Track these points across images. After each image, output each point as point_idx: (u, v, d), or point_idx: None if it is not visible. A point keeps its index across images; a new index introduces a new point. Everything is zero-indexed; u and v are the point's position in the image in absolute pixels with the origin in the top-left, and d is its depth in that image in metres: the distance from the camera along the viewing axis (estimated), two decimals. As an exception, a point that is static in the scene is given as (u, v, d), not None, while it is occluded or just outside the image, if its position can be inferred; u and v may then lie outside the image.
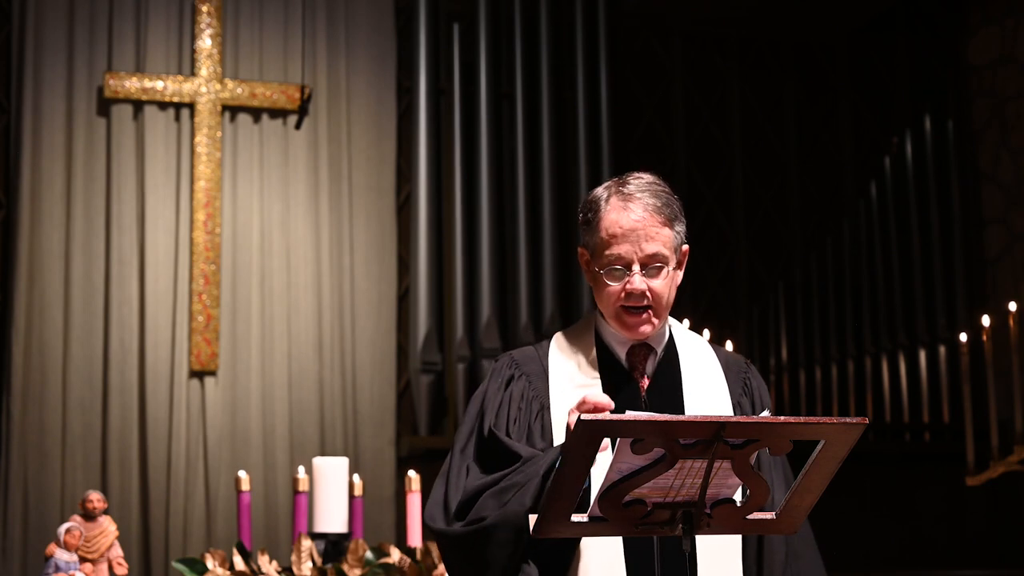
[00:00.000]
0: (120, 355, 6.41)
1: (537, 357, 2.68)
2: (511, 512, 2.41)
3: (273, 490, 6.46)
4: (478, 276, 6.92)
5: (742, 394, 2.70)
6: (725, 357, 2.75)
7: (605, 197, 2.60)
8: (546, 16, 7.28)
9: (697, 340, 2.75)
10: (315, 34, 6.87)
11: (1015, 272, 7.52)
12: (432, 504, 2.56)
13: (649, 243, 2.55)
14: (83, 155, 6.51)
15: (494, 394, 2.63)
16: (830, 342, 7.46)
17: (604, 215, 2.58)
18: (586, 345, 2.66)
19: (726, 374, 2.69)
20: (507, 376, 2.65)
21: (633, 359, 2.64)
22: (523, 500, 2.41)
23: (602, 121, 7.23)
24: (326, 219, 6.78)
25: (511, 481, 2.45)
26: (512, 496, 2.42)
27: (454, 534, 2.48)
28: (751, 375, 2.75)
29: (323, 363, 6.67)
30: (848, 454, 2.23)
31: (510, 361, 2.69)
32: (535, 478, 2.41)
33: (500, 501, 2.44)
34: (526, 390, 2.62)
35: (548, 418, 2.58)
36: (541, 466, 2.42)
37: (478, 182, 7.00)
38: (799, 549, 2.64)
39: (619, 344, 2.64)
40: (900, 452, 7.36)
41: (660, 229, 2.56)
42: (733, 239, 7.72)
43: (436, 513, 2.54)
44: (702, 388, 2.65)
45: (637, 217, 2.55)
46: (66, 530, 4.07)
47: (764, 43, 7.93)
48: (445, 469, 2.60)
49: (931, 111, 7.78)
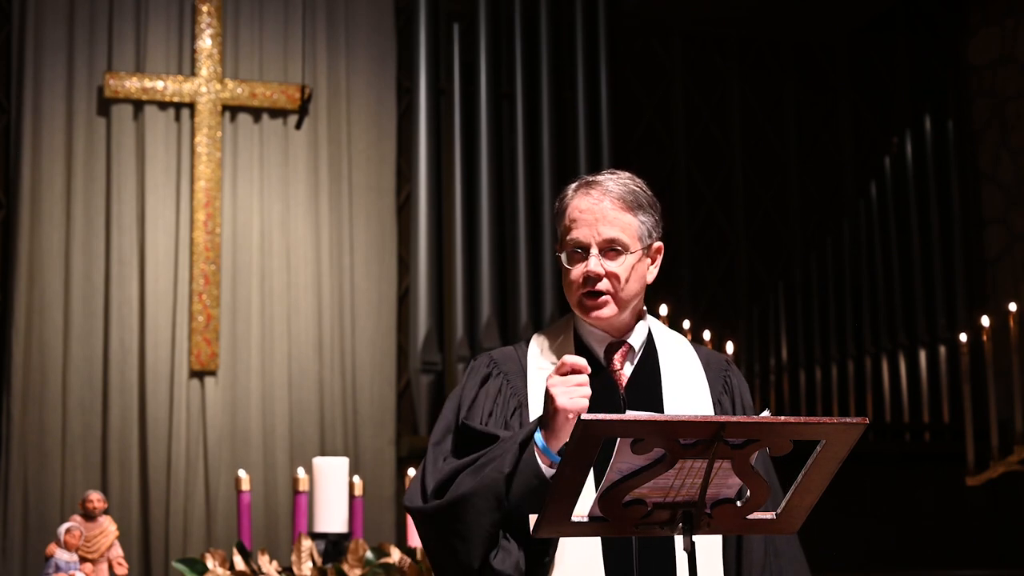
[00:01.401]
0: (120, 355, 6.41)
1: (516, 356, 2.68)
2: (489, 478, 2.41)
3: (273, 490, 6.46)
4: (478, 276, 6.92)
5: (722, 392, 2.69)
6: (706, 355, 2.74)
7: (572, 187, 2.65)
8: (546, 16, 7.28)
9: (677, 338, 2.74)
10: (315, 34, 6.87)
11: (1015, 272, 7.52)
12: (410, 489, 2.57)
13: (607, 227, 2.55)
14: (83, 155, 6.51)
15: (470, 391, 2.63)
16: (830, 342, 7.47)
17: (567, 202, 2.62)
18: (564, 343, 2.65)
19: (706, 372, 2.69)
20: (484, 374, 2.65)
21: (611, 356, 2.63)
22: (500, 467, 2.41)
23: (602, 121, 7.23)
24: (326, 219, 6.78)
25: (488, 457, 2.46)
26: (490, 466, 2.43)
27: (432, 508, 2.47)
28: (731, 373, 2.74)
29: (323, 363, 6.67)
30: (848, 454, 2.23)
31: (488, 360, 2.68)
32: (512, 448, 2.43)
33: (477, 474, 2.45)
34: (503, 387, 2.62)
35: (526, 415, 2.58)
36: (518, 436, 2.45)
37: (478, 182, 7.00)
38: (780, 546, 2.64)
39: (596, 341, 2.64)
40: (900, 452, 7.36)
41: (620, 214, 2.57)
42: (733, 239, 7.72)
43: (414, 494, 2.54)
44: (681, 385, 2.64)
45: (595, 200, 2.57)
46: (66, 530, 4.06)
47: (764, 43, 7.93)
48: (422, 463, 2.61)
49: (931, 111, 7.78)
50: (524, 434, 2.45)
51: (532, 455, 2.42)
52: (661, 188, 7.53)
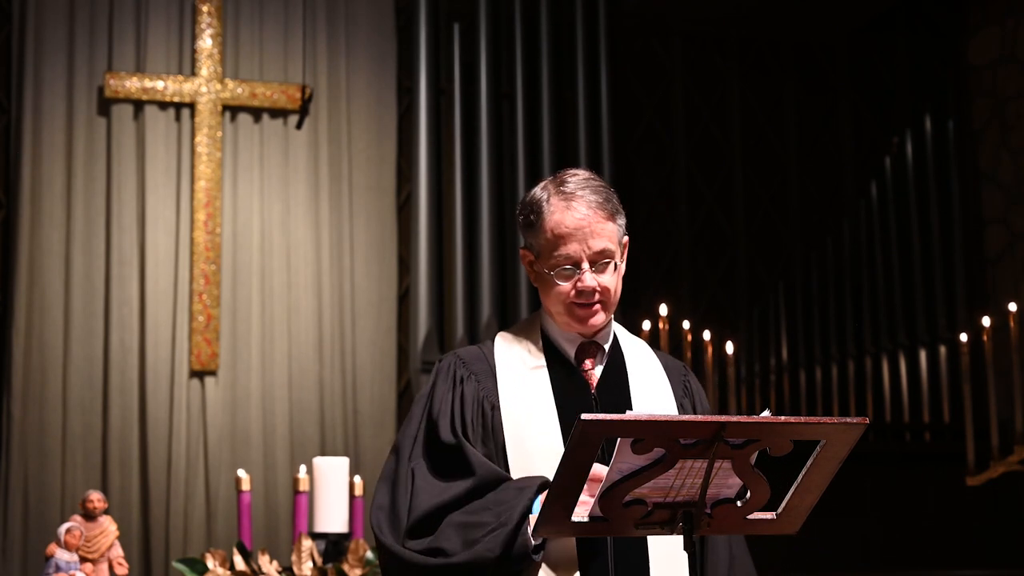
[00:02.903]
0: (120, 355, 6.41)
1: (483, 356, 2.64)
2: (481, 558, 2.36)
3: (273, 490, 6.46)
4: (478, 276, 6.92)
5: (684, 395, 2.70)
6: (664, 359, 2.75)
7: (545, 198, 2.57)
8: (546, 16, 7.28)
9: (638, 341, 2.75)
10: (315, 34, 6.87)
11: (1015, 272, 7.52)
12: (378, 510, 2.51)
13: (596, 240, 2.54)
14: (83, 155, 6.51)
15: (444, 395, 2.58)
16: (830, 342, 7.46)
17: (548, 216, 2.56)
18: (533, 343, 2.64)
19: (668, 375, 2.70)
20: (457, 376, 2.60)
21: (582, 357, 2.63)
22: (493, 547, 2.36)
23: (602, 121, 7.23)
24: (326, 219, 6.78)
25: (479, 518, 2.40)
26: (481, 538, 2.37)
27: (411, 560, 2.41)
28: (690, 378, 2.76)
29: (323, 363, 6.67)
30: (848, 454, 2.23)
31: (456, 361, 2.64)
32: (508, 525, 2.37)
33: (465, 538, 2.39)
34: (477, 390, 2.58)
35: (499, 417, 2.55)
36: (515, 511, 2.38)
37: (478, 182, 7.00)
38: (736, 552, 2.64)
39: (567, 342, 2.63)
40: (900, 452, 7.35)
41: (605, 224, 2.56)
42: (733, 239, 7.72)
43: (383, 522, 2.48)
44: (648, 387, 2.65)
45: (581, 215, 2.54)
46: (66, 530, 4.07)
47: (764, 43, 7.93)
48: (389, 472, 2.55)
49: (931, 111, 7.78)
50: (520, 510, 2.37)
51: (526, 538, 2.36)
52: (661, 188, 7.57)
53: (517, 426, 2.53)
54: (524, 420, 2.54)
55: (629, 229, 2.67)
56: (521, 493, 2.42)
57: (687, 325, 5.98)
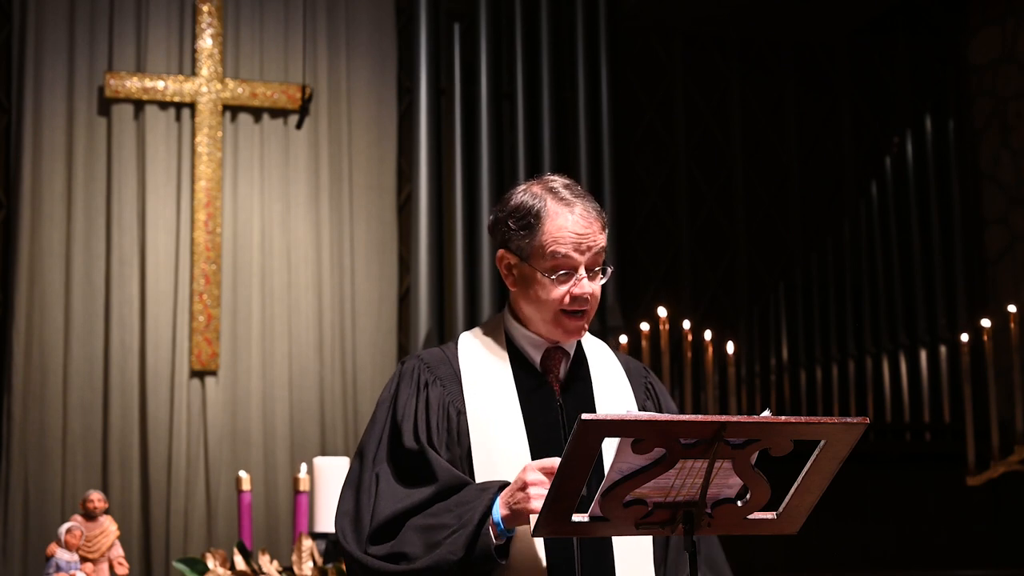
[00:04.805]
0: (121, 355, 6.42)
1: (447, 359, 2.63)
2: (443, 561, 2.35)
3: (274, 490, 6.46)
4: (478, 276, 6.92)
5: (646, 398, 2.71)
6: (626, 361, 2.76)
7: (543, 203, 2.56)
8: (547, 16, 7.28)
9: (600, 344, 2.76)
10: (316, 34, 6.88)
11: (1015, 272, 7.52)
12: (342, 516, 2.50)
13: (594, 247, 2.56)
14: (84, 155, 6.51)
15: (407, 399, 2.56)
16: (830, 342, 7.46)
17: (549, 220, 2.55)
18: (498, 348, 2.63)
19: (629, 378, 2.70)
20: (421, 381, 2.59)
21: (547, 363, 2.62)
22: (455, 550, 2.35)
23: (603, 121, 7.23)
24: (326, 219, 6.79)
25: (440, 520, 2.40)
26: (443, 540, 2.37)
27: (373, 567, 2.41)
28: (652, 379, 2.77)
29: (324, 363, 6.67)
30: (849, 454, 2.23)
31: (420, 364, 2.62)
32: (469, 526, 2.36)
33: (427, 541, 2.39)
34: (443, 395, 2.57)
35: (464, 423, 2.54)
36: (476, 512, 2.37)
37: (479, 182, 7.00)
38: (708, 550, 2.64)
39: (533, 347, 2.62)
40: (900, 452, 7.35)
41: (601, 234, 2.58)
42: (733, 239, 7.72)
43: (347, 528, 2.48)
44: (611, 391, 2.65)
45: (586, 222, 2.55)
46: (67, 530, 4.07)
47: (764, 43, 7.93)
48: (353, 477, 2.54)
49: (931, 111, 7.78)
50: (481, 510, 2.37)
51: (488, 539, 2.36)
52: (661, 188, 7.57)
53: (483, 432, 2.52)
54: (490, 426, 2.53)
55: (630, 229, 2.68)
56: (482, 494, 2.42)
57: (687, 325, 5.98)
